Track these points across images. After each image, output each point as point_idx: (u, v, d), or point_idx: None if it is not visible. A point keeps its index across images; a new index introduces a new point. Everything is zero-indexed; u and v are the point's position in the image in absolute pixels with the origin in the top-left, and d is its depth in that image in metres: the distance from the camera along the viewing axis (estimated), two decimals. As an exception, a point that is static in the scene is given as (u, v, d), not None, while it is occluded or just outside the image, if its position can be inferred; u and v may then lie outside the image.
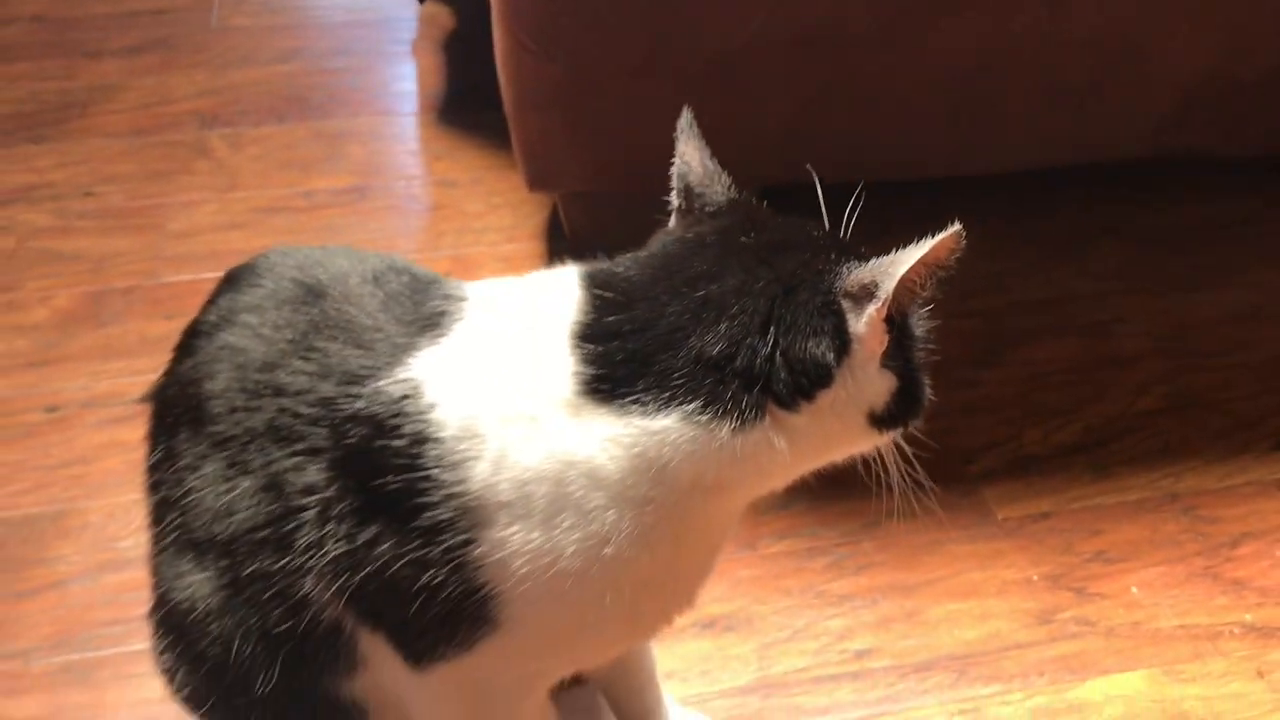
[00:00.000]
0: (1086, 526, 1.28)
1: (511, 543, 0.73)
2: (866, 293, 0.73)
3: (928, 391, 0.81)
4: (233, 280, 0.91)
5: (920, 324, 0.80)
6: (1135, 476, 1.33)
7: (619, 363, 0.73)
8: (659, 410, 0.72)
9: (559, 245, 1.66)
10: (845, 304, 0.73)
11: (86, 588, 1.20)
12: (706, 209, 0.82)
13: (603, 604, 0.75)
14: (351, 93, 2.00)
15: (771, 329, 0.73)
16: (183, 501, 0.85)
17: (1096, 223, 1.70)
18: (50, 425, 1.38)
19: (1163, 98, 1.52)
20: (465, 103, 1.98)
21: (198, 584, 0.84)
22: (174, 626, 0.87)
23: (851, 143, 1.49)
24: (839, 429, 0.76)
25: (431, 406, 0.75)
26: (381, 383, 0.77)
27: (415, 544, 0.75)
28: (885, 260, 0.73)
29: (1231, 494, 1.31)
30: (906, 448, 0.83)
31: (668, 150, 0.85)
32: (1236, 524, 1.28)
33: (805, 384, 0.73)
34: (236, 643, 0.83)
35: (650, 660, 1.02)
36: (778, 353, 0.73)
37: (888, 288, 0.72)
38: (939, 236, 0.72)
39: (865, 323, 0.73)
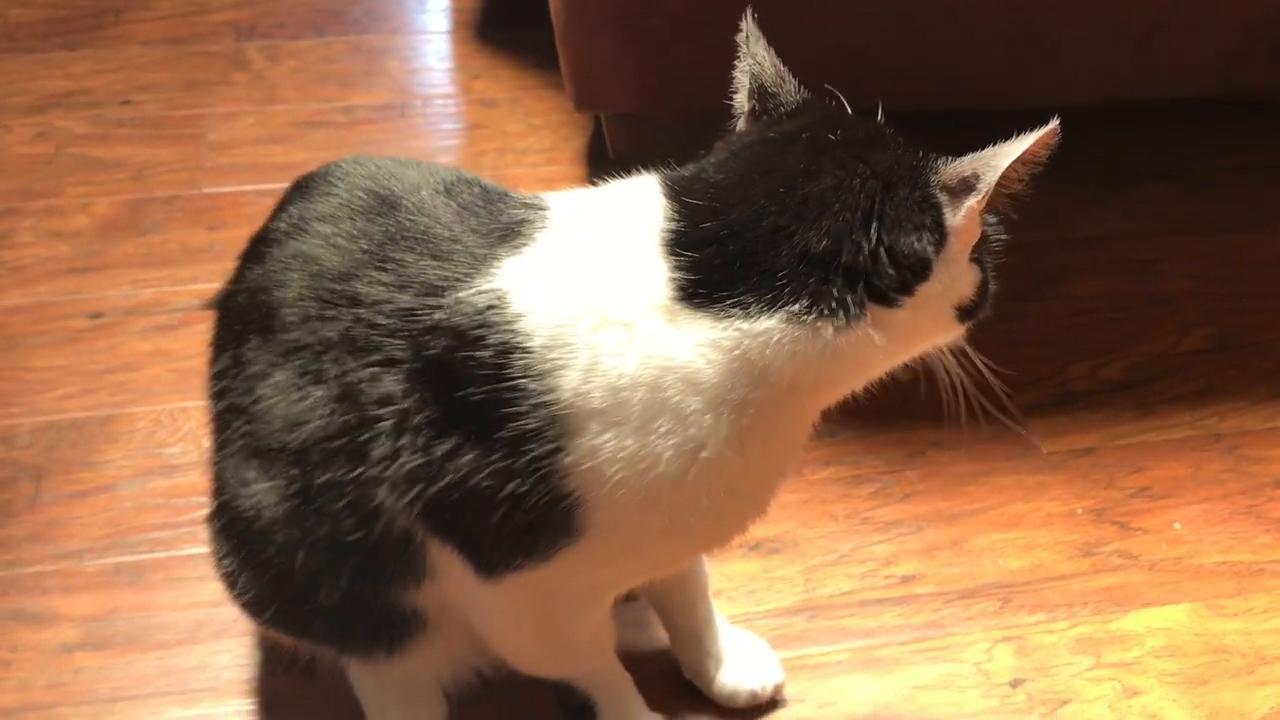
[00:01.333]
0: (1130, 463, 1.28)
1: (604, 450, 0.74)
2: (966, 186, 0.74)
3: (993, 284, 0.82)
4: (303, 188, 0.90)
5: (992, 217, 0.80)
6: (1179, 415, 1.33)
7: (717, 266, 0.73)
8: (762, 312, 0.73)
9: (600, 168, 1.64)
10: (943, 197, 0.74)
11: (135, 492, 1.21)
12: (782, 109, 0.81)
13: (696, 507, 0.76)
14: (390, 7, 1.98)
15: (874, 224, 0.73)
16: (252, 409, 0.85)
17: (1144, 164, 1.68)
18: (95, 331, 1.38)
19: (1226, 36, 1.50)
20: (502, 21, 1.96)
21: (264, 492, 0.85)
22: (237, 533, 0.88)
23: (908, 68, 1.48)
24: (931, 322, 0.78)
25: (519, 316, 0.75)
26: (463, 293, 0.77)
27: (499, 454, 0.75)
28: (986, 154, 0.74)
29: (1275, 435, 1.31)
30: (970, 352, 0.86)
31: (721, 71, 0.84)
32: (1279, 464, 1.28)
33: (907, 278, 0.74)
34: (302, 552, 0.84)
35: (704, 578, 1.03)
36: (881, 248, 0.73)
37: (990, 179, 0.73)
38: (1039, 131, 0.73)
39: (964, 215, 0.74)
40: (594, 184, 0.84)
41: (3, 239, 1.49)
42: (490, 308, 0.75)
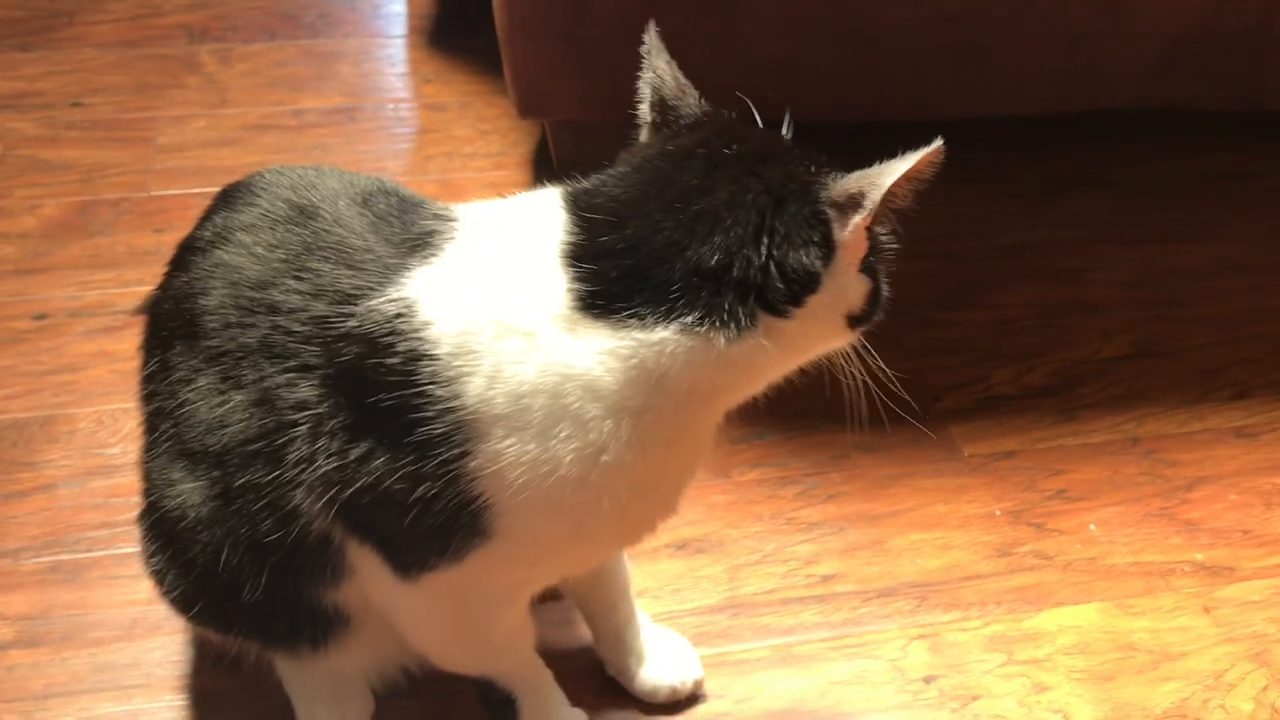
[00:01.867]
0: (1049, 466, 1.32)
1: (508, 454, 0.76)
2: (853, 203, 0.76)
3: (885, 291, 0.84)
4: (228, 198, 0.93)
5: (882, 228, 0.83)
6: (1099, 420, 1.37)
7: (614, 279, 0.76)
8: (657, 323, 0.75)
9: (546, 173, 1.66)
10: (832, 213, 0.77)
11: (75, 491, 1.23)
12: (682, 122, 0.84)
13: (599, 509, 0.79)
14: (344, 12, 2.00)
15: (765, 239, 0.76)
16: (177, 413, 0.87)
17: (1074, 172, 1.73)
18: (39, 332, 1.40)
19: (1147, 49, 1.54)
20: (454, 26, 1.98)
21: (189, 492, 0.87)
22: (164, 532, 0.91)
23: (841, 81, 1.51)
24: (821, 330, 0.80)
25: (426, 324, 0.77)
26: (374, 302, 0.79)
27: (409, 459, 0.78)
28: (872, 172, 0.76)
29: (1190, 440, 1.35)
30: (868, 355, 0.87)
31: None
32: (1193, 468, 1.32)
33: (797, 291, 0.76)
34: (225, 551, 0.86)
35: (625, 577, 1.06)
36: (771, 263, 0.76)
37: (874, 198, 0.75)
38: (923, 151, 0.75)
39: (850, 231, 0.76)
40: (540, 188, 0.85)
41: (-50, 240, 1.51)
42: (399, 316, 0.78)
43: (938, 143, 0.75)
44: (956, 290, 1.52)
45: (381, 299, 0.79)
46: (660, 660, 1.08)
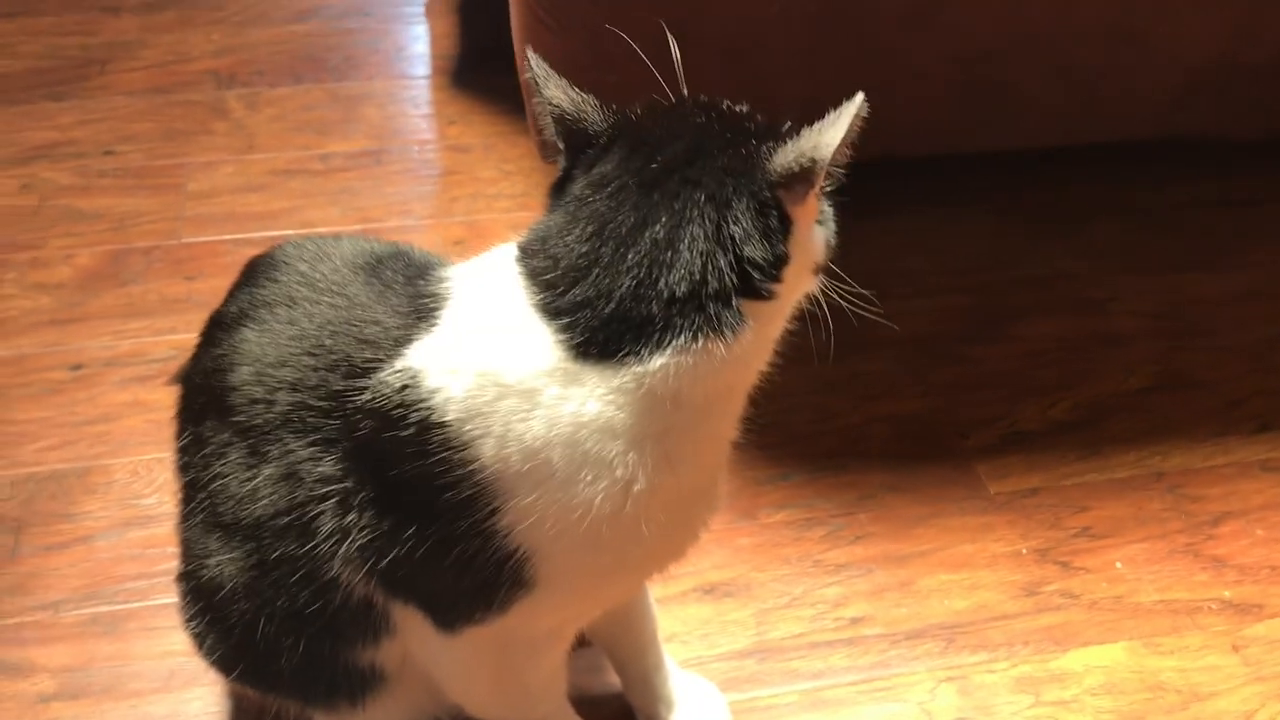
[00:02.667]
0: (1074, 502, 1.32)
1: (536, 508, 0.77)
2: (800, 178, 0.75)
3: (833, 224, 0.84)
4: (251, 273, 0.95)
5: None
6: (1123, 455, 1.37)
7: (597, 327, 0.76)
8: (653, 354, 0.75)
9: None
10: (781, 194, 0.76)
11: (112, 543, 1.25)
12: (594, 140, 0.82)
13: (640, 536, 0.79)
14: (367, 54, 2.03)
15: (728, 247, 0.75)
16: (210, 485, 0.89)
17: (1096, 202, 1.73)
18: (75, 383, 1.43)
19: (1169, 81, 1.55)
20: (478, 67, 2.01)
21: (225, 563, 0.89)
22: (202, 599, 0.93)
23: (865, 119, 1.52)
24: (796, 288, 0.80)
25: (433, 393, 0.78)
26: (383, 374, 0.80)
27: (440, 525, 0.79)
28: (806, 141, 0.75)
29: (1215, 474, 1.36)
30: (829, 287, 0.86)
31: None
32: (1219, 503, 1.32)
33: (771, 273, 0.76)
34: (262, 621, 0.88)
35: (653, 622, 1.07)
36: (740, 264, 0.75)
37: (820, 168, 0.74)
38: (850, 110, 0.75)
39: (803, 200, 0.76)
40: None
41: (-12, 291, 1.54)
42: (405, 388, 0.79)
43: (859, 96, 0.75)
44: (981, 324, 1.53)
45: (388, 371, 0.80)
46: (689, 706, 1.09)
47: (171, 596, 1.00)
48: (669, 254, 0.75)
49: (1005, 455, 1.37)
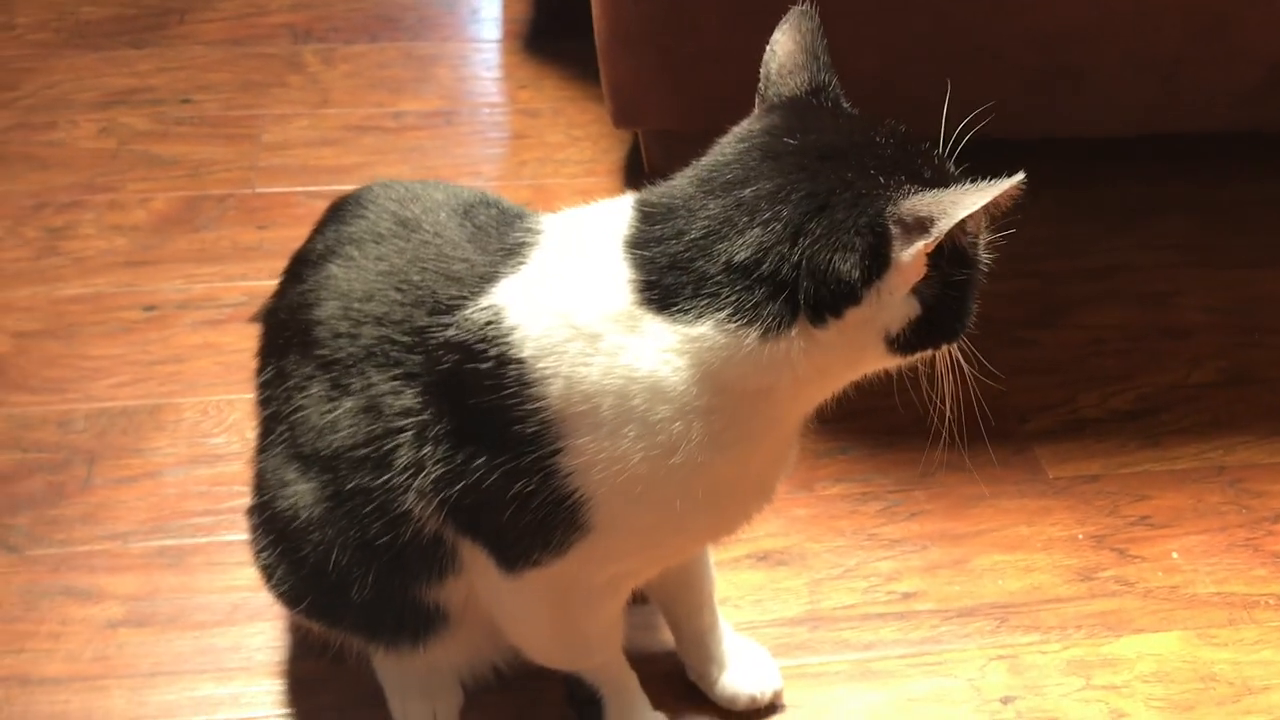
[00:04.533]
0: (1134, 491, 1.32)
1: (587, 450, 0.79)
2: (920, 225, 0.72)
3: (970, 316, 0.80)
4: (337, 211, 0.97)
5: (978, 250, 0.79)
6: (1185, 447, 1.37)
7: (664, 268, 0.76)
8: (698, 318, 0.75)
9: (637, 181, 1.69)
10: (895, 230, 0.73)
11: (180, 479, 1.28)
12: (773, 101, 0.82)
13: (673, 507, 0.80)
14: (442, 15, 2.04)
15: (802, 239, 0.73)
16: (291, 417, 0.92)
17: (1165, 195, 1.71)
18: (148, 323, 1.46)
19: (1248, 72, 1.53)
20: (549, 31, 2.01)
21: (302, 494, 0.91)
22: (276, 530, 0.95)
23: (936, 98, 1.51)
24: (858, 348, 0.77)
25: (512, 329, 0.80)
26: (468, 311, 0.82)
27: (507, 457, 0.81)
28: (946, 197, 0.71)
29: (1278, 470, 1.35)
30: (965, 371, 0.83)
31: (753, 93, 0.86)
32: (1280, 500, 1.32)
33: (831, 299, 0.74)
34: (335, 551, 0.90)
35: (710, 584, 1.08)
36: (802, 261, 0.73)
37: (943, 227, 0.71)
38: (1003, 184, 0.71)
39: (912, 254, 0.73)
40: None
41: (67, 230, 1.57)
42: (489, 323, 0.81)
43: (1019, 176, 0.71)
44: (1045, 310, 1.52)
45: (474, 308, 0.82)
46: (741, 669, 1.10)
47: (236, 533, 1.03)
48: (746, 219, 0.75)
49: (1065, 441, 1.37)
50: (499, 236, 0.87)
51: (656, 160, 1.65)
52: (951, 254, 0.76)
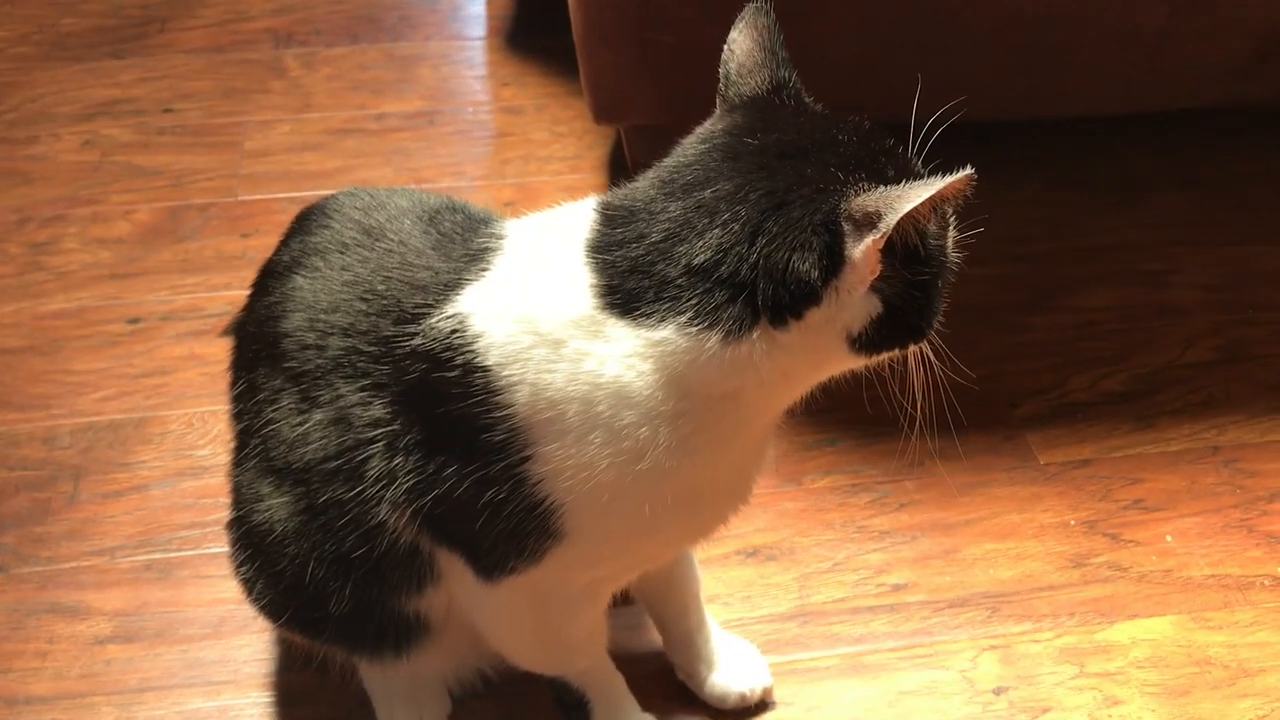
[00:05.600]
0: (1126, 475, 1.31)
1: (555, 458, 0.78)
2: (869, 221, 0.71)
3: (936, 315, 0.79)
4: (303, 222, 0.97)
5: (944, 248, 0.78)
6: (1178, 428, 1.35)
7: (625, 272, 0.76)
8: (660, 322, 0.75)
9: (622, 176, 1.68)
10: (846, 227, 0.72)
11: (167, 492, 1.28)
12: (733, 101, 0.81)
13: (643, 513, 0.79)
14: (423, 15, 2.03)
15: (760, 238, 0.73)
16: (263, 431, 0.91)
17: (1157, 173, 1.70)
18: (132, 336, 1.45)
19: (1236, 47, 1.51)
20: (532, 28, 2.00)
21: (276, 507, 0.91)
22: (253, 544, 0.94)
23: (919, 83, 1.50)
24: (822, 349, 0.76)
25: (477, 337, 0.79)
26: (434, 319, 0.81)
27: (477, 465, 0.80)
28: (892, 192, 0.71)
29: (1272, 449, 1.33)
30: (936, 367, 0.82)
31: None
32: (1275, 479, 1.30)
33: (790, 300, 0.73)
34: (311, 564, 0.90)
35: (696, 583, 1.07)
36: (762, 263, 0.72)
37: (889, 221, 0.70)
38: (950, 177, 0.70)
39: (862, 250, 0.72)
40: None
41: (50, 245, 1.57)
42: (454, 332, 0.80)
43: (966, 170, 0.70)
44: (1035, 293, 1.51)
45: (439, 316, 0.81)
46: (730, 667, 1.09)
47: (223, 546, 1.02)
48: (705, 220, 0.74)
49: (1056, 426, 1.36)
50: (464, 243, 0.87)
51: (640, 156, 1.64)
52: (906, 251, 0.75)
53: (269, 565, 0.93)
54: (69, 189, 1.66)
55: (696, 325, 0.74)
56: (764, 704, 1.10)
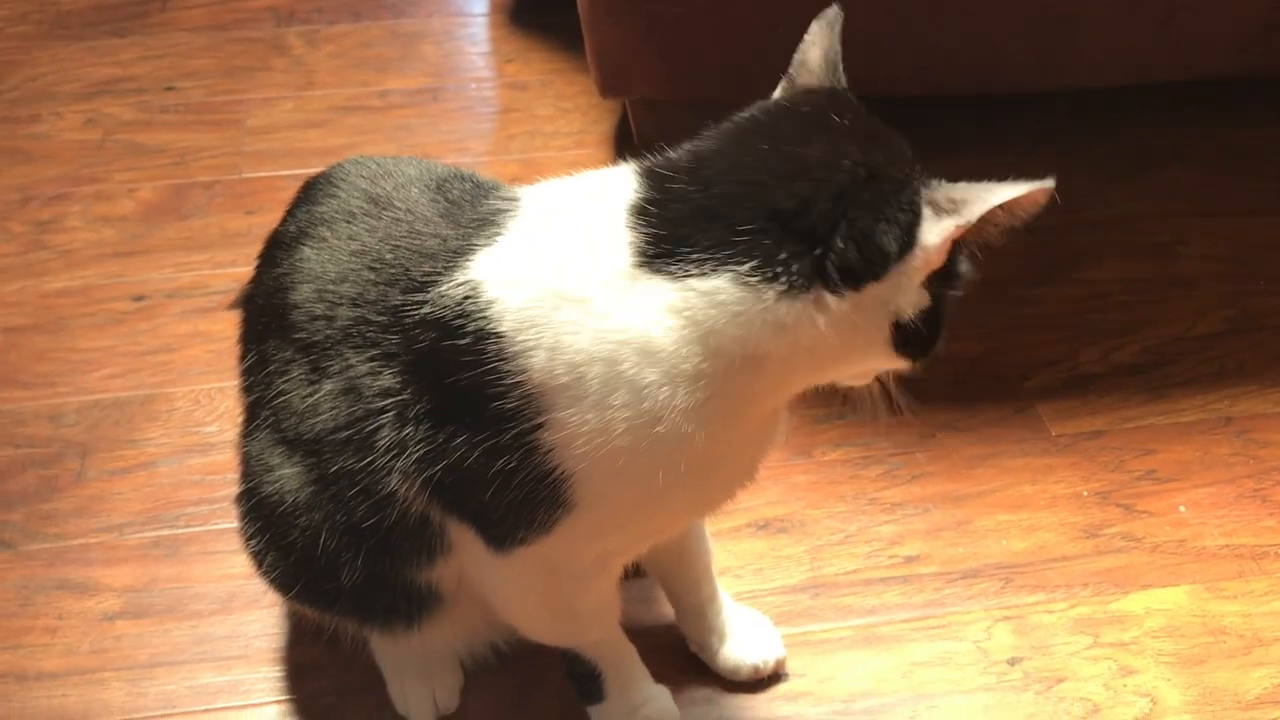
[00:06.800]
0: (1139, 446, 1.30)
1: (569, 425, 0.77)
2: (952, 208, 0.74)
3: (939, 341, 0.81)
4: (309, 191, 0.96)
5: (965, 267, 0.80)
6: (1190, 399, 1.35)
7: (682, 219, 0.75)
8: (713, 270, 0.74)
9: (627, 151, 1.67)
10: (927, 210, 0.75)
11: (174, 468, 1.27)
12: (808, 87, 0.82)
13: (655, 481, 0.78)
14: (426, -9, 2.02)
15: (846, 201, 0.74)
16: (274, 402, 0.90)
17: (1165, 144, 1.68)
18: (137, 314, 1.45)
19: (1246, 15, 1.50)
20: (535, 4, 1.99)
21: (287, 478, 0.90)
22: (263, 516, 0.94)
23: (931, 55, 1.49)
24: (867, 330, 0.77)
25: (490, 303, 0.78)
26: (444, 287, 0.80)
27: (487, 434, 0.79)
28: (980, 187, 0.74)
29: (1286, 419, 1.33)
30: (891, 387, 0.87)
31: (740, 60, 0.84)
32: (1288, 449, 1.30)
33: (858, 267, 0.74)
34: (323, 535, 0.89)
35: (707, 555, 1.07)
36: (843, 222, 0.74)
37: (976, 211, 0.73)
38: (1034, 185, 0.74)
39: (939, 234, 0.74)
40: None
41: (54, 224, 1.56)
42: (466, 298, 0.79)
43: (1048, 182, 0.74)
44: (1046, 266, 1.50)
45: (450, 284, 0.80)
46: (742, 639, 1.09)
47: (231, 521, 1.02)
48: (797, 172, 0.74)
49: (1068, 397, 1.35)
50: (472, 210, 0.86)
51: (645, 130, 1.63)
52: (947, 270, 0.77)
53: (280, 537, 0.92)
54: (71, 167, 1.65)
55: (757, 276, 0.74)
56: (777, 675, 1.09)
